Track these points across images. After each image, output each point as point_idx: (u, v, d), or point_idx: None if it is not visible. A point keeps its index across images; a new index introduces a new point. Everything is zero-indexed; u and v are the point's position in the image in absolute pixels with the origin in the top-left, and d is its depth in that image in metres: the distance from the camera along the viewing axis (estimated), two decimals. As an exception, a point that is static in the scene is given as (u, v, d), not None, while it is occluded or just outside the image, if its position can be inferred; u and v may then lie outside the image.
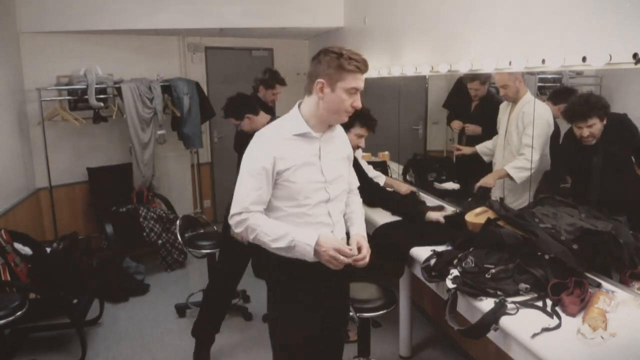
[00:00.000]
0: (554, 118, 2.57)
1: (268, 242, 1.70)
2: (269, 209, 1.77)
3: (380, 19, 3.97)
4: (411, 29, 3.47)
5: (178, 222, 3.66)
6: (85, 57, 4.55)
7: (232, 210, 1.74)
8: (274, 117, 3.85)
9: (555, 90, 2.60)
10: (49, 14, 4.21)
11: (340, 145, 1.88)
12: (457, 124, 3.38)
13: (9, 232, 3.23)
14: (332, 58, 1.67)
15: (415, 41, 3.42)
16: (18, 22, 4.20)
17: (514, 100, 2.75)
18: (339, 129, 1.90)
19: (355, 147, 2.48)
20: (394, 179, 3.47)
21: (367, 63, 1.72)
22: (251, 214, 1.72)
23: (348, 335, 3.20)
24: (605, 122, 2.18)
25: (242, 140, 3.41)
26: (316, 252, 1.68)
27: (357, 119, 2.56)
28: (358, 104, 1.72)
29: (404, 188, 3.20)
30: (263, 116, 3.15)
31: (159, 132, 4.64)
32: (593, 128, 2.19)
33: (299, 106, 1.79)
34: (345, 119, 1.78)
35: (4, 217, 3.52)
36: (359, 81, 1.70)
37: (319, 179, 1.76)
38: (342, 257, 1.69)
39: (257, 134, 1.78)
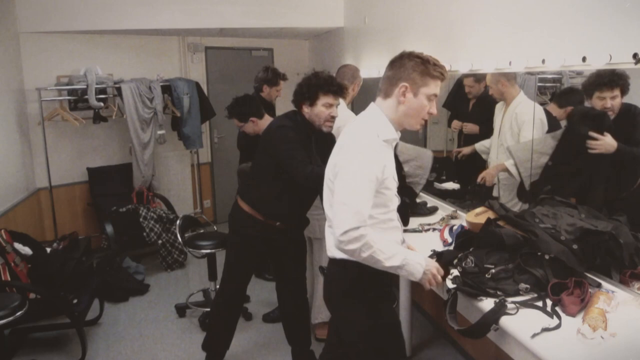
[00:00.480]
0: (559, 120, 2.56)
1: (382, 260, 1.63)
2: None
3: (380, 19, 3.97)
4: (411, 29, 3.47)
5: (178, 222, 3.67)
6: (85, 57, 4.56)
7: (348, 225, 1.58)
8: (275, 115, 3.84)
9: (562, 92, 2.58)
10: (49, 14, 4.21)
11: None
12: (456, 124, 3.38)
13: (9, 232, 3.23)
14: (417, 63, 1.66)
15: (415, 41, 3.42)
16: (18, 22, 4.20)
17: (505, 100, 2.77)
18: None
19: (329, 119, 2.44)
20: None
21: (447, 71, 1.73)
22: (367, 228, 1.61)
23: None
24: (622, 100, 2.18)
25: (247, 141, 3.41)
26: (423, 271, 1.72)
27: (319, 88, 2.44)
28: (434, 110, 1.72)
29: None
30: (267, 119, 3.15)
31: (159, 132, 4.64)
32: (615, 100, 2.16)
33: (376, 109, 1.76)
34: (419, 127, 1.76)
35: (4, 217, 3.52)
36: (438, 88, 1.71)
37: (395, 184, 1.78)
38: (439, 277, 1.75)
39: (356, 139, 1.69)
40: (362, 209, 1.60)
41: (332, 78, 2.51)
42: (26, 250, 3.25)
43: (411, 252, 1.74)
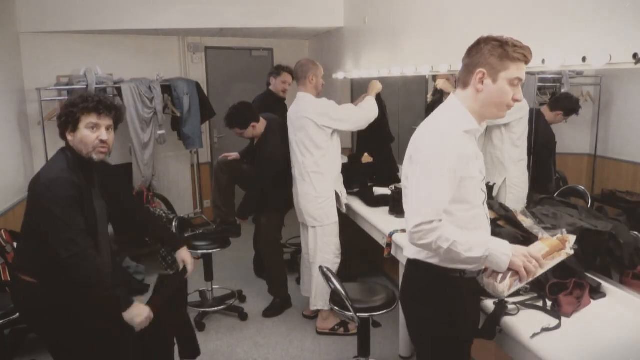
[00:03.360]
0: (550, 124, 2.58)
1: (462, 252, 1.50)
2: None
3: (380, 18, 3.97)
4: (411, 29, 3.47)
5: (174, 223, 3.70)
6: (85, 57, 4.55)
7: (419, 219, 1.50)
8: (285, 109, 3.89)
9: (557, 97, 2.59)
10: (49, 14, 4.21)
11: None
12: None
13: (9, 232, 3.23)
14: (495, 46, 1.54)
15: (415, 41, 3.42)
16: (18, 22, 4.20)
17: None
18: None
19: (99, 144, 1.95)
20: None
21: (532, 52, 1.58)
22: (444, 221, 1.51)
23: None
24: None
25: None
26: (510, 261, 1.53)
27: (77, 108, 1.97)
28: (519, 96, 1.57)
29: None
30: (262, 122, 3.40)
31: (159, 132, 4.64)
32: None
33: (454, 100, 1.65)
34: (504, 115, 1.62)
35: (4, 217, 3.52)
36: (522, 71, 1.57)
37: (480, 178, 1.64)
38: (535, 262, 1.55)
39: (433, 129, 1.61)
40: (436, 203, 1.51)
41: (93, 94, 2.04)
42: (26, 250, 3.25)
43: (497, 242, 1.56)
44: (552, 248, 1.61)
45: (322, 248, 3.16)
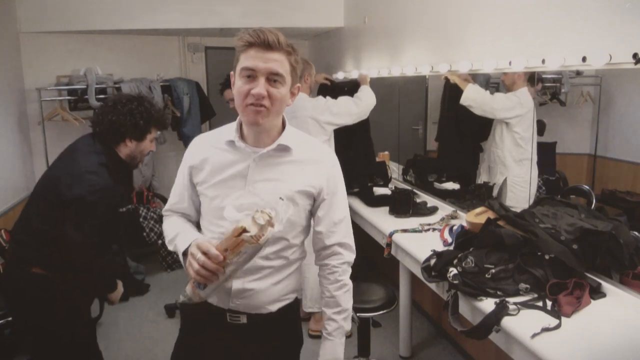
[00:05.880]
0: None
1: (167, 245, 1.54)
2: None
3: (380, 19, 3.97)
4: (411, 29, 3.47)
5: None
6: (85, 57, 4.55)
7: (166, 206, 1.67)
8: None
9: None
10: (49, 14, 4.21)
11: (295, 176, 1.41)
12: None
13: (9, 232, 3.23)
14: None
15: (415, 41, 3.42)
16: (18, 22, 4.20)
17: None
18: (316, 157, 1.45)
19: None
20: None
21: (270, 34, 1.29)
22: (170, 213, 1.64)
23: None
24: None
25: None
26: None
27: (155, 122, 2.16)
28: (257, 90, 1.27)
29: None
30: None
31: (159, 132, 4.64)
32: None
33: None
34: (251, 117, 1.32)
35: (4, 217, 3.52)
36: (253, 60, 1.28)
37: (213, 195, 1.45)
38: (201, 257, 1.23)
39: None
40: (172, 195, 1.64)
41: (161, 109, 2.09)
42: (26, 250, 3.25)
43: (186, 235, 1.42)
44: (231, 234, 1.22)
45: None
